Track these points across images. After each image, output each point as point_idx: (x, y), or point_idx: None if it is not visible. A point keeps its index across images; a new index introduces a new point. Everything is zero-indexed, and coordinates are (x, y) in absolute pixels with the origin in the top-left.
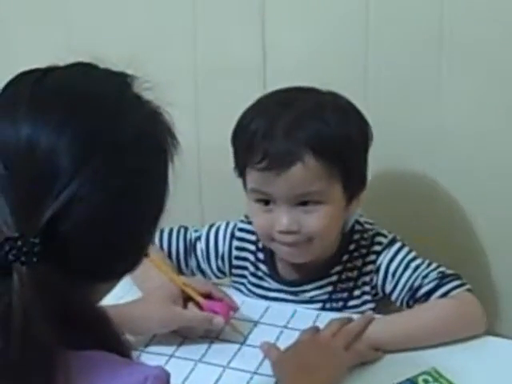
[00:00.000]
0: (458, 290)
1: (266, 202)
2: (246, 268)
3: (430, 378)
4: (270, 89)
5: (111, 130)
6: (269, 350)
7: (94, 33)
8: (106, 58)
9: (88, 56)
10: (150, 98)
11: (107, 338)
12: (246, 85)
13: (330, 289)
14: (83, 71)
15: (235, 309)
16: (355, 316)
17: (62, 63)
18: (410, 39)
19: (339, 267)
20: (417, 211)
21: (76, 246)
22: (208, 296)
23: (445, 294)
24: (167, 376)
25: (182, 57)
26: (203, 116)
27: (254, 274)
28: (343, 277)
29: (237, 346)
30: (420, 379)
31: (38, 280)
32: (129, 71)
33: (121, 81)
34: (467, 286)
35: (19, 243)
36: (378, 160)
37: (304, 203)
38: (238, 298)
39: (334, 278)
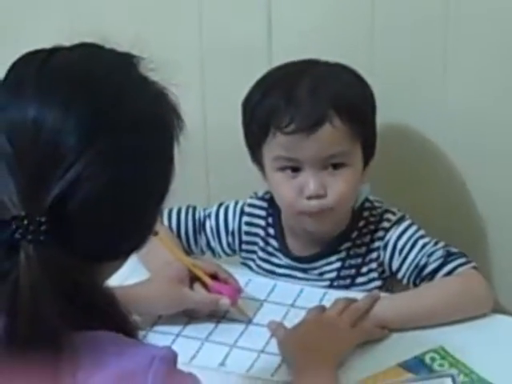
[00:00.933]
0: (463, 268)
1: (292, 170)
2: (255, 243)
3: (437, 356)
4: None
5: (117, 110)
6: (276, 328)
7: (98, 13)
8: (111, 38)
9: (93, 37)
10: (155, 79)
11: (114, 316)
12: (252, 63)
13: (338, 265)
14: (89, 52)
15: (241, 291)
16: (360, 295)
17: (67, 44)
18: (417, 14)
19: (348, 243)
20: (420, 187)
21: (82, 225)
22: (214, 277)
23: (450, 272)
24: (174, 356)
25: (188, 36)
26: (209, 95)
27: (263, 249)
28: (352, 253)
29: (243, 325)
30: (427, 357)
31: (45, 258)
32: (134, 52)
33: (126, 61)
34: (473, 264)
35: (26, 222)
36: (381, 134)
37: (330, 166)
38: (244, 276)
39: (343, 255)
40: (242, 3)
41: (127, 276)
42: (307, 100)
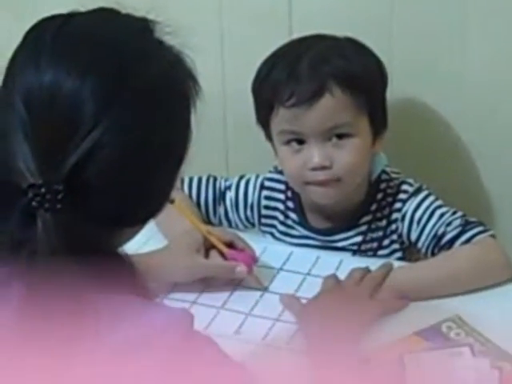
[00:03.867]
0: (481, 236)
1: (297, 142)
2: (275, 217)
3: (453, 325)
4: (296, 34)
5: (133, 76)
6: (289, 302)
7: None
8: (127, 3)
9: (109, 1)
10: (172, 44)
11: (131, 282)
12: (272, 30)
13: (359, 239)
14: (105, 17)
15: (256, 260)
16: (378, 263)
17: (83, 9)
18: None
19: (368, 217)
20: (438, 158)
21: (100, 192)
22: (230, 245)
23: (468, 240)
24: (191, 318)
25: (208, 2)
26: (229, 61)
27: (283, 223)
28: (373, 226)
29: (259, 293)
30: (443, 326)
31: (62, 226)
32: (151, 17)
33: (142, 26)
34: (490, 232)
35: (43, 190)
36: (400, 104)
37: (334, 137)
38: (261, 243)
39: (364, 228)
40: None
41: (144, 242)
42: (307, 74)
